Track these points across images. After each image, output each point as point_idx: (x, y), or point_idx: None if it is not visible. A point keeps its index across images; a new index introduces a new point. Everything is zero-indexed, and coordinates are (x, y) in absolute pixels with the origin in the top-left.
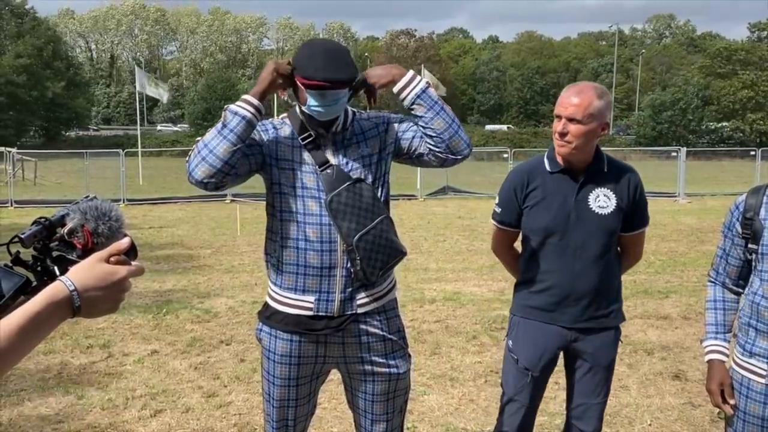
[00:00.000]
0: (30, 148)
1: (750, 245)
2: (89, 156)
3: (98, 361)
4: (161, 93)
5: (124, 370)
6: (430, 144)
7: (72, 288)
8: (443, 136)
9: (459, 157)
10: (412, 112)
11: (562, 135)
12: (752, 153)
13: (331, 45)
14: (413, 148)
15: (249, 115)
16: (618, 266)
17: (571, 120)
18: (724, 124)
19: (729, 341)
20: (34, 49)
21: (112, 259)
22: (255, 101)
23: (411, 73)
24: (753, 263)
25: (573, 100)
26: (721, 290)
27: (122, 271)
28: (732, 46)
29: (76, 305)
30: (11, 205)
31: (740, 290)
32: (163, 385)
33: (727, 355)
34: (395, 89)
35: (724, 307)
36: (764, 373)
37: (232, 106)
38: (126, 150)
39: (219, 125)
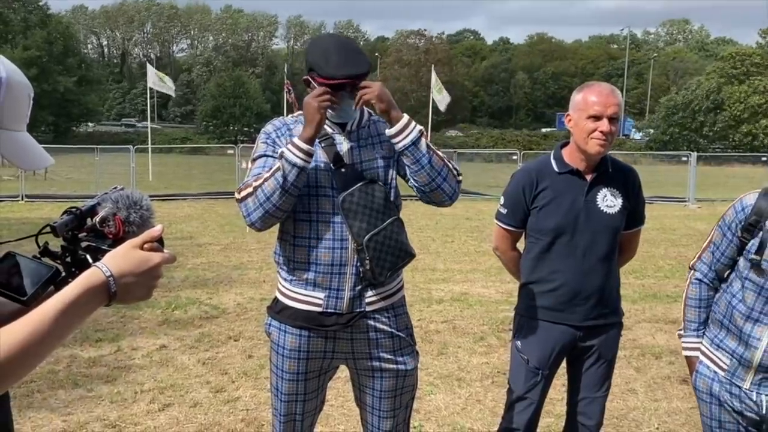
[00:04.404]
0: (40, 143)
1: (754, 256)
2: (99, 152)
3: (107, 354)
4: (169, 87)
5: (133, 364)
6: (414, 186)
7: (108, 274)
8: (424, 189)
9: (441, 206)
10: (400, 156)
11: (608, 134)
12: (764, 159)
13: (343, 39)
14: (407, 176)
15: (305, 164)
16: (617, 264)
17: (612, 119)
18: (737, 131)
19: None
20: (43, 42)
21: (145, 246)
22: (309, 148)
23: (406, 118)
24: (740, 266)
25: (611, 99)
26: (706, 289)
27: (156, 258)
28: (744, 51)
29: (112, 291)
30: (22, 200)
31: (719, 287)
32: (171, 379)
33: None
34: (388, 132)
35: (708, 305)
36: (726, 367)
37: (290, 155)
38: (136, 146)
39: (279, 178)
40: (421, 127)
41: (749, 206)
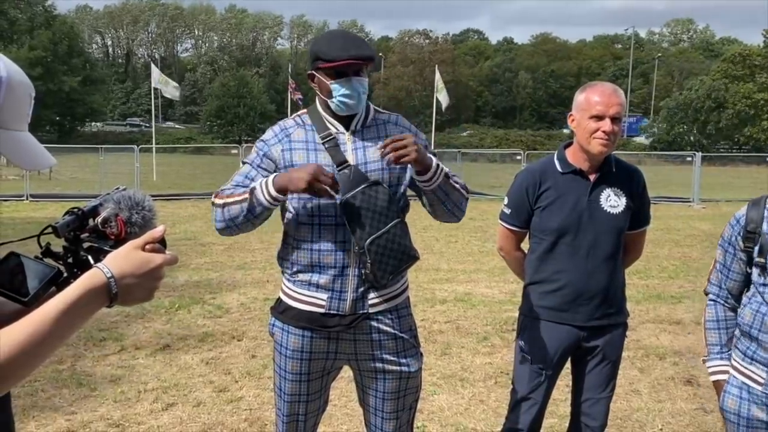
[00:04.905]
0: (45, 143)
1: (758, 259)
2: (104, 152)
3: (111, 354)
4: (173, 91)
5: (137, 364)
6: (426, 208)
7: (109, 275)
8: (436, 213)
9: (447, 223)
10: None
11: (610, 134)
12: None
13: (347, 30)
14: (421, 197)
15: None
16: (622, 264)
17: (614, 119)
18: (743, 131)
19: (731, 357)
20: (48, 42)
21: (147, 247)
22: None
23: (435, 165)
24: (754, 276)
25: (614, 99)
26: (722, 309)
27: (158, 259)
28: (748, 50)
29: (113, 292)
30: (27, 199)
31: (737, 306)
32: (174, 379)
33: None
34: (419, 178)
35: (726, 326)
36: (763, 381)
37: (259, 194)
38: (140, 146)
39: (245, 207)
40: (447, 169)
41: (742, 216)
